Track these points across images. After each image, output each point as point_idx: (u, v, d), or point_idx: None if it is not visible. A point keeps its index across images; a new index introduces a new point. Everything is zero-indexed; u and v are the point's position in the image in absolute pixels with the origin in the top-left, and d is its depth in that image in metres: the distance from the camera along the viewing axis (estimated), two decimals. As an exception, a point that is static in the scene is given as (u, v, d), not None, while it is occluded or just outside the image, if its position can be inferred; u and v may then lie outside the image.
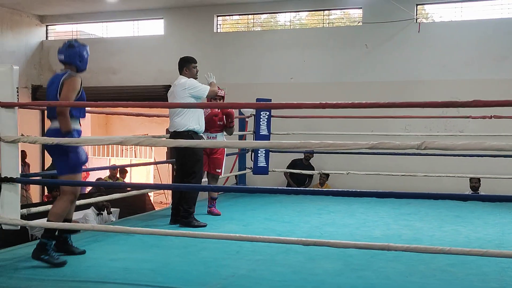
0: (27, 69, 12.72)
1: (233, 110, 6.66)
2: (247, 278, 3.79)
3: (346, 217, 6.38)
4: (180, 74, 5.84)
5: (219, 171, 6.47)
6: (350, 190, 3.48)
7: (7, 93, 4.04)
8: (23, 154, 10.70)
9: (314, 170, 9.88)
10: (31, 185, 11.38)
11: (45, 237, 4.04)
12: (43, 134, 12.72)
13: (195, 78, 5.81)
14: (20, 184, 4.10)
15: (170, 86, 11.83)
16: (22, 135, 4.61)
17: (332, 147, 3.37)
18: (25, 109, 6.85)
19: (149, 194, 13.16)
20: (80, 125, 4.25)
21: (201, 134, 5.80)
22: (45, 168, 11.73)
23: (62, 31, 13.56)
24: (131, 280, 3.69)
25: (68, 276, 3.79)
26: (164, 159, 11.98)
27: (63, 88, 4.09)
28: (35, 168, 11.96)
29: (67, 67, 4.25)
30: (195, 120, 5.64)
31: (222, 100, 6.43)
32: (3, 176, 4.01)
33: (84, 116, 4.29)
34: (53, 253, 4.04)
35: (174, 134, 5.61)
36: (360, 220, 6.23)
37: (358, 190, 3.44)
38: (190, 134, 5.57)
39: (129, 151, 15.90)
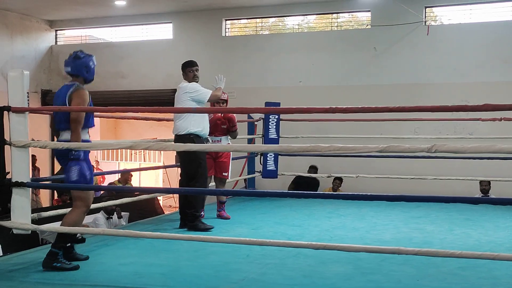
0: (36, 73, 12.78)
1: (235, 114, 6.63)
2: (257, 283, 3.78)
3: (356, 221, 6.36)
4: (183, 78, 5.88)
5: (226, 174, 6.46)
6: (361, 194, 3.46)
7: (18, 98, 4.06)
8: (33, 158, 10.74)
9: (318, 183, 9.90)
10: (41, 189, 11.45)
11: (56, 247, 4.04)
12: (53, 138, 12.80)
13: (196, 82, 5.78)
14: (30, 189, 4.11)
15: (179, 90, 11.97)
16: (33, 139, 4.64)
17: (341, 150, 3.36)
18: (34, 114, 6.88)
19: (158, 198, 13.22)
20: (89, 135, 4.26)
21: (205, 137, 5.77)
22: (55, 173, 11.79)
23: (71, 36, 13.63)
24: (141, 285, 3.70)
25: (78, 280, 3.80)
26: (173, 163, 11.99)
27: (73, 102, 4.08)
28: (44, 172, 12.01)
29: (74, 79, 4.24)
30: (196, 123, 5.62)
31: (225, 104, 6.43)
32: (13, 181, 4.03)
33: (93, 125, 4.29)
34: (64, 259, 4.05)
35: (177, 138, 5.62)
36: (370, 223, 6.21)
37: (369, 194, 3.42)
38: (192, 137, 5.54)
39: (138, 155, 15.96)
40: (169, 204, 15.43)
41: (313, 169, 10.10)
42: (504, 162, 7.81)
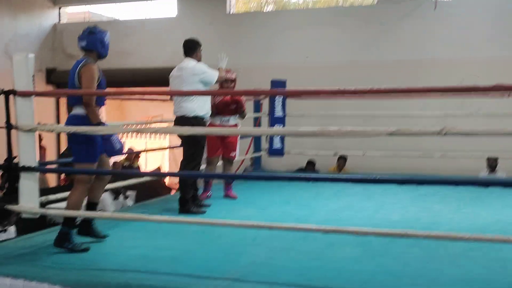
0: (40, 52, 12.72)
1: (242, 98, 6.53)
2: (266, 266, 3.77)
3: (364, 200, 6.35)
4: (188, 56, 5.68)
5: (233, 154, 6.44)
6: (370, 177, 3.42)
7: (23, 81, 4.02)
8: (39, 137, 10.75)
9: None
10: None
11: (65, 226, 4.07)
12: (58, 120, 12.78)
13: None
14: (38, 173, 4.10)
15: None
16: (39, 123, 4.62)
17: (350, 134, 3.32)
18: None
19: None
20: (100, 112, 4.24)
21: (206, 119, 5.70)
22: (61, 152, 11.79)
23: (75, 13, 13.53)
24: (151, 268, 3.70)
25: (87, 264, 3.80)
26: (179, 141, 11.97)
27: (83, 79, 4.08)
28: (51, 151, 12.02)
29: (88, 54, 4.23)
30: (202, 105, 5.52)
31: (233, 83, 6.37)
32: (21, 165, 4.02)
33: (103, 104, 4.28)
34: (75, 240, 4.08)
35: (182, 119, 5.46)
36: (378, 203, 6.19)
37: (378, 178, 3.37)
38: (198, 120, 5.45)
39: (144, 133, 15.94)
40: (176, 181, 15.42)
41: (311, 165, 10.07)
42: (512, 138, 7.75)
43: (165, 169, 14.46)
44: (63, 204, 5.42)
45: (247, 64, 11.17)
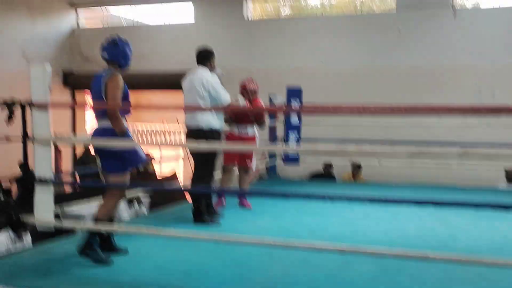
0: (58, 54, 12.79)
1: (263, 106, 6.48)
2: (282, 284, 3.73)
3: (379, 210, 6.28)
4: (202, 65, 5.58)
5: (250, 164, 6.40)
6: (388, 198, 3.37)
7: (40, 93, 4.01)
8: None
9: (335, 180, 9.83)
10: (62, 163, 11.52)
11: (92, 234, 4.06)
12: (74, 127, 12.79)
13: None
14: (52, 185, 4.09)
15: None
16: (55, 133, 4.62)
17: (369, 155, 3.27)
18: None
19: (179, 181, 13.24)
20: (127, 121, 4.25)
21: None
22: (78, 157, 11.82)
23: (92, 16, 13.58)
24: (164, 283, 3.68)
25: (102, 277, 3.78)
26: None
27: (108, 89, 4.09)
28: (66, 154, 12.06)
29: (110, 65, 4.25)
30: (217, 117, 5.47)
31: (255, 94, 6.34)
32: (36, 177, 4.02)
33: (129, 113, 4.28)
34: (98, 248, 4.08)
35: (197, 132, 5.39)
36: (394, 214, 6.12)
37: (396, 198, 3.32)
38: (213, 133, 5.41)
39: (159, 138, 15.95)
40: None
41: (329, 168, 10.02)
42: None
43: (180, 173, 14.45)
44: (80, 207, 5.45)
45: (263, 69, 11.15)
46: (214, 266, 4.09)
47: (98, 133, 4.17)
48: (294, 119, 8.35)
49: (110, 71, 4.18)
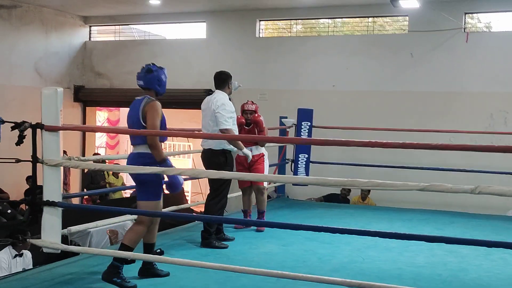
0: (70, 69, 12.87)
1: (261, 119, 6.50)
2: (288, 315, 3.69)
3: (389, 239, 6.20)
4: (219, 89, 5.64)
5: (262, 182, 6.35)
6: (397, 233, 3.33)
7: (51, 116, 4.02)
8: (64, 153, 10.82)
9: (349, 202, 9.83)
10: (70, 183, 11.55)
11: (118, 260, 4.04)
12: (84, 149, 12.82)
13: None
14: (61, 209, 4.08)
15: (210, 90, 11.87)
16: (64, 152, 4.61)
17: (380, 187, 3.23)
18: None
19: (186, 193, 13.23)
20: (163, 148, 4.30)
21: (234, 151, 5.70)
22: (86, 171, 11.83)
23: (104, 31, 13.66)
24: (170, 312, 3.64)
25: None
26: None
27: (148, 116, 4.09)
28: (74, 174, 12.08)
29: (146, 92, 4.24)
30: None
31: (254, 114, 6.38)
32: (45, 200, 4.01)
33: (165, 140, 4.38)
34: (124, 276, 4.04)
35: (209, 152, 5.46)
36: (403, 243, 6.02)
37: (407, 234, 3.28)
38: (225, 153, 5.47)
39: (167, 149, 15.98)
40: (197, 199, 15.37)
41: (345, 190, 10.04)
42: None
43: (188, 188, 14.45)
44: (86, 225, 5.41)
45: (274, 88, 11.17)
46: (221, 294, 4.05)
47: (134, 157, 4.16)
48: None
49: (148, 98, 4.17)
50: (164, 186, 4.23)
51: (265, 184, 6.54)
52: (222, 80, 5.68)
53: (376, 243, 5.94)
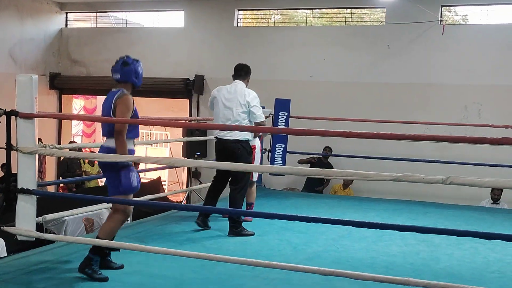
0: (45, 56, 12.72)
1: None
2: (262, 303, 3.73)
3: (363, 228, 6.26)
4: (239, 79, 5.83)
5: (251, 176, 6.37)
6: (371, 222, 3.39)
7: (26, 103, 4.00)
8: (39, 141, 10.72)
9: (332, 167, 9.85)
10: (46, 171, 11.46)
11: (92, 252, 4.02)
12: (60, 137, 12.68)
13: None
14: (36, 196, 4.06)
15: (188, 79, 11.85)
16: (39, 140, 4.58)
17: (354, 177, 3.28)
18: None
19: (163, 183, 13.18)
20: (134, 144, 4.24)
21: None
22: (61, 159, 11.75)
23: (81, 18, 13.51)
24: (145, 300, 3.66)
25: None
26: (180, 149, 11.96)
27: (117, 109, 4.04)
28: (50, 162, 11.97)
29: (122, 85, 4.18)
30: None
31: None
32: (19, 187, 3.99)
33: (138, 136, 4.30)
34: (97, 268, 4.02)
35: (235, 143, 5.61)
36: (377, 232, 6.09)
37: (380, 223, 3.34)
38: (248, 144, 5.69)
39: (144, 138, 15.86)
40: (174, 188, 15.33)
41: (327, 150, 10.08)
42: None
43: (165, 177, 14.41)
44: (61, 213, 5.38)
45: (251, 78, 11.12)
46: (197, 283, 4.08)
47: (102, 152, 4.11)
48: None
49: (122, 91, 4.12)
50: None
51: (254, 177, 6.56)
52: (245, 72, 5.91)
53: (351, 233, 6.02)
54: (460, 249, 5.52)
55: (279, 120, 8.45)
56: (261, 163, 6.73)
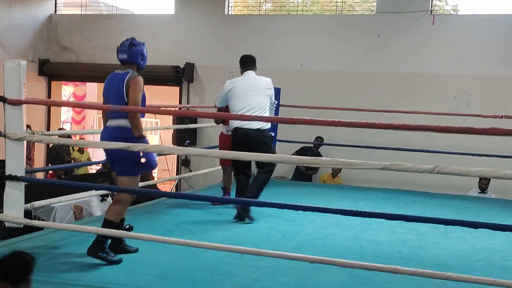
0: (34, 42, 12.61)
1: None
2: (251, 290, 3.76)
3: (352, 217, 6.28)
4: (252, 70, 6.08)
5: None
6: (360, 211, 3.42)
7: (14, 89, 3.98)
8: (28, 128, 10.66)
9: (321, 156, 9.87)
10: (34, 158, 11.41)
11: (102, 236, 4.03)
12: (49, 124, 12.59)
13: None
14: (24, 183, 4.05)
15: (178, 67, 11.78)
16: (28, 126, 4.56)
17: (342, 165, 3.30)
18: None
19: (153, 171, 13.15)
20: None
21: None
22: (50, 146, 11.69)
23: (70, 5, 13.39)
24: (134, 287, 3.67)
25: (71, 279, 3.77)
26: (170, 137, 11.92)
27: (130, 89, 4.07)
28: (39, 148, 11.91)
29: (128, 66, 4.21)
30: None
31: None
32: (7, 174, 3.97)
33: (143, 116, 4.36)
34: (109, 250, 4.05)
35: (259, 132, 5.73)
36: (366, 221, 6.11)
37: (368, 211, 3.36)
38: (270, 132, 5.88)
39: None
40: (164, 176, 15.29)
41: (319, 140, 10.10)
42: (504, 160, 7.78)
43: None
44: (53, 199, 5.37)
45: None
46: (185, 270, 4.10)
47: (113, 131, 4.09)
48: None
49: (132, 73, 4.15)
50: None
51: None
52: (254, 62, 6.22)
53: (339, 221, 6.04)
54: (447, 238, 5.57)
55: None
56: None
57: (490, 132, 3.00)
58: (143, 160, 4.19)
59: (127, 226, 4.67)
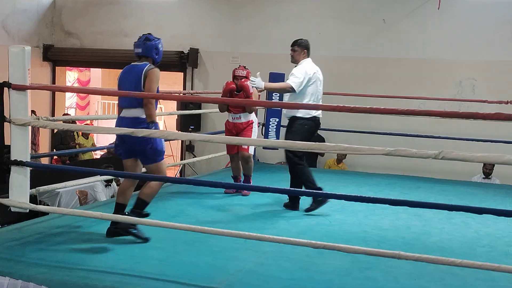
0: (38, 27, 12.57)
1: (247, 84, 6.47)
2: (254, 275, 3.77)
3: (356, 203, 6.28)
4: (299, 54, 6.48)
5: (247, 148, 6.40)
6: (363, 196, 3.42)
7: (19, 75, 3.97)
8: (33, 113, 10.68)
9: (324, 142, 9.83)
10: (39, 144, 11.44)
11: (134, 212, 4.26)
12: (53, 110, 12.61)
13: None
14: (29, 168, 4.06)
15: (182, 52, 11.76)
16: (33, 112, 4.57)
17: (347, 151, 3.30)
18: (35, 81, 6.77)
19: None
20: None
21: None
22: (55, 131, 11.71)
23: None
24: (139, 271, 3.68)
25: (75, 263, 3.78)
26: (174, 123, 11.93)
27: (147, 81, 4.27)
28: (44, 134, 11.93)
29: (144, 60, 4.44)
30: None
31: (244, 79, 6.42)
32: (12, 159, 3.99)
33: (156, 108, 4.49)
34: (140, 228, 4.26)
35: (294, 119, 5.76)
36: (369, 206, 6.12)
37: (371, 197, 3.37)
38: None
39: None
40: (168, 162, 15.28)
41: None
42: (509, 146, 7.76)
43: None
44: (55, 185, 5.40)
45: (246, 52, 11.09)
46: (188, 254, 4.12)
47: (130, 124, 4.21)
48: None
49: (150, 65, 4.37)
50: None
51: (251, 150, 6.60)
52: (303, 47, 6.72)
53: (343, 207, 6.06)
54: (451, 224, 5.58)
55: (273, 94, 8.43)
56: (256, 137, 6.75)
57: (495, 117, 2.99)
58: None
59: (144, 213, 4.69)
